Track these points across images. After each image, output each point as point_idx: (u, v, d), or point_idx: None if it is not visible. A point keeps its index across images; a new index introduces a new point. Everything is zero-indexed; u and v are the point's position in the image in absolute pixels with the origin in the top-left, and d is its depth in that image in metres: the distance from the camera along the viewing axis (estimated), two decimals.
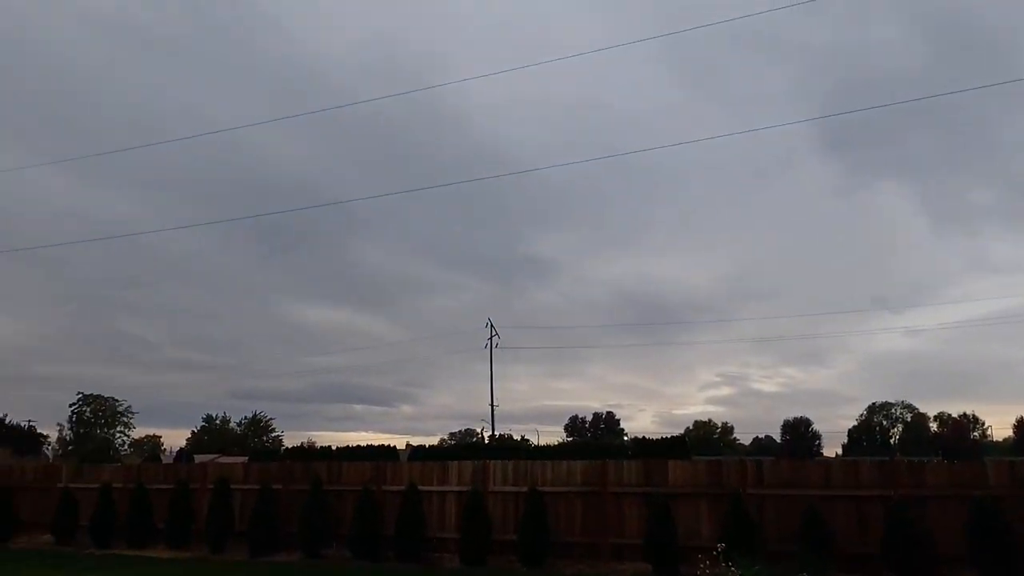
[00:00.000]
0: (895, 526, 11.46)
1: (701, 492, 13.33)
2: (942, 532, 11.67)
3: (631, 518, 13.62)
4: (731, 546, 11.50)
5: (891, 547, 11.40)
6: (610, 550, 13.56)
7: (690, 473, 13.60)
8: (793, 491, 12.74)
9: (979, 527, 11.05)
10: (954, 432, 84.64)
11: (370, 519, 14.64)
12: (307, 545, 15.09)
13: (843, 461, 12.82)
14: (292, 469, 16.96)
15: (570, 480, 14.24)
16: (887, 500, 12.03)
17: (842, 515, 12.38)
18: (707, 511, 13.12)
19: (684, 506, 13.25)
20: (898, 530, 11.41)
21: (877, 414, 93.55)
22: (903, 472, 12.40)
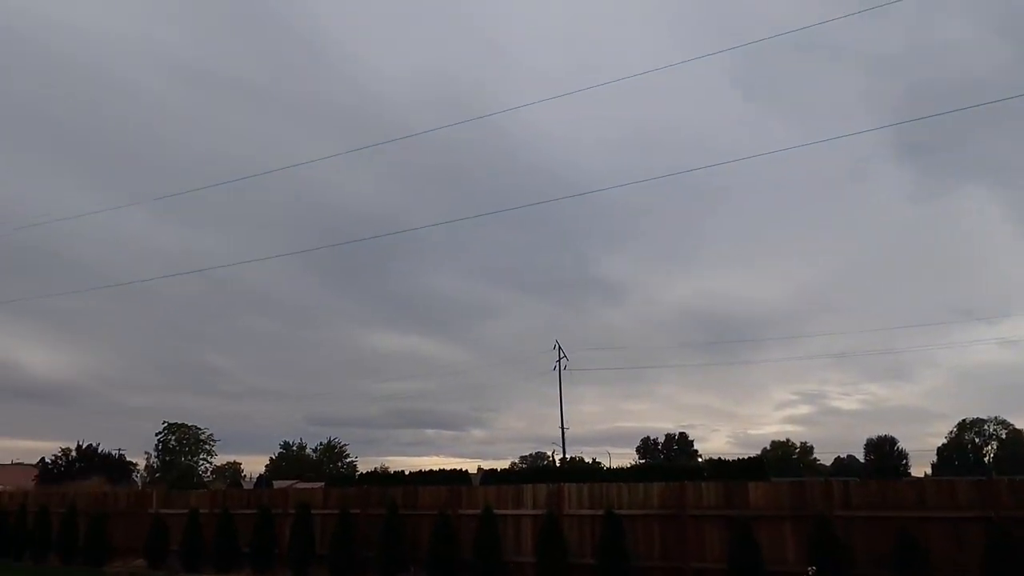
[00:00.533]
0: (997, 549, 10.82)
1: (784, 515, 12.88)
2: None
3: (712, 542, 13.26)
4: (819, 570, 11.10)
5: (993, 571, 10.76)
6: (691, 574, 13.22)
7: (772, 494, 13.17)
8: (883, 512, 12.19)
9: None
10: None
11: (446, 543, 14.70)
12: (385, 568, 15.24)
13: (937, 480, 12.20)
14: (369, 494, 17.20)
15: (647, 503, 13.99)
16: (987, 521, 11.38)
17: (937, 537, 11.75)
18: (791, 534, 12.66)
19: (767, 529, 12.83)
20: (1000, 553, 10.77)
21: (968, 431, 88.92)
22: (1004, 491, 11.71)
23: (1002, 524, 11.07)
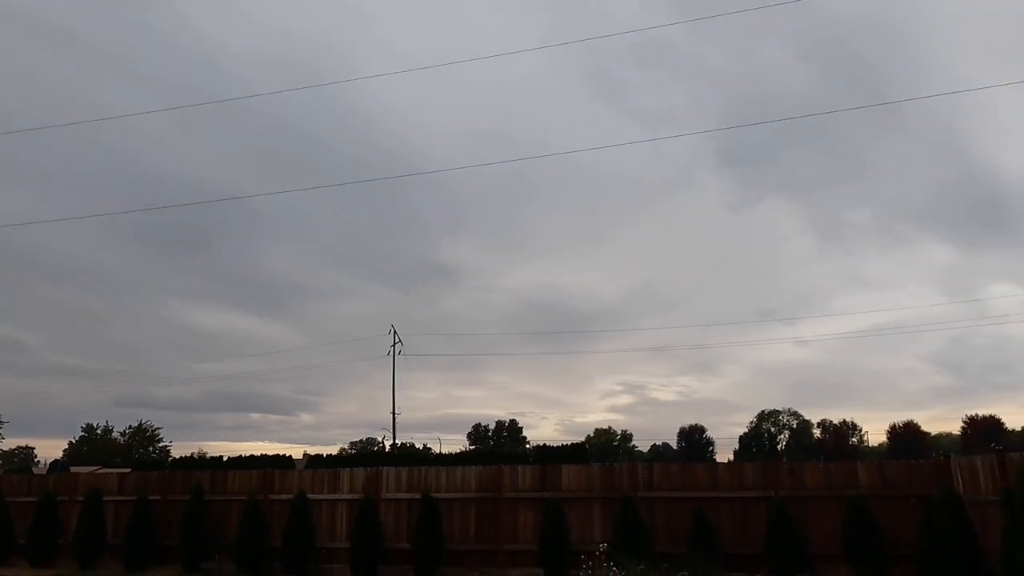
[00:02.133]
0: (776, 525, 11.89)
1: (595, 496, 13.45)
2: (819, 530, 12.23)
3: (526, 523, 13.59)
4: (622, 548, 11.65)
5: (772, 546, 11.82)
6: (505, 556, 13.47)
7: (584, 477, 13.70)
8: (682, 494, 13.03)
9: (852, 525, 11.61)
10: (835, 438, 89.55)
11: (255, 530, 13.99)
12: (187, 558, 14.28)
13: (729, 464, 13.25)
14: (172, 479, 16.03)
15: (465, 486, 14.08)
16: (768, 500, 12.48)
17: (727, 516, 12.75)
18: (600, 514, 13.24)
19: (578, 510, 13.33)
20: (778, 529, 11.84)
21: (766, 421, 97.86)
22: (784, 474, 12.90)
23: (780, 502, 12.19)
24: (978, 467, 11.20)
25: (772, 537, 11.89)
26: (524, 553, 13.33)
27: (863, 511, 11.66)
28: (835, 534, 11.95)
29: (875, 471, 12.64)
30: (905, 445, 72.47)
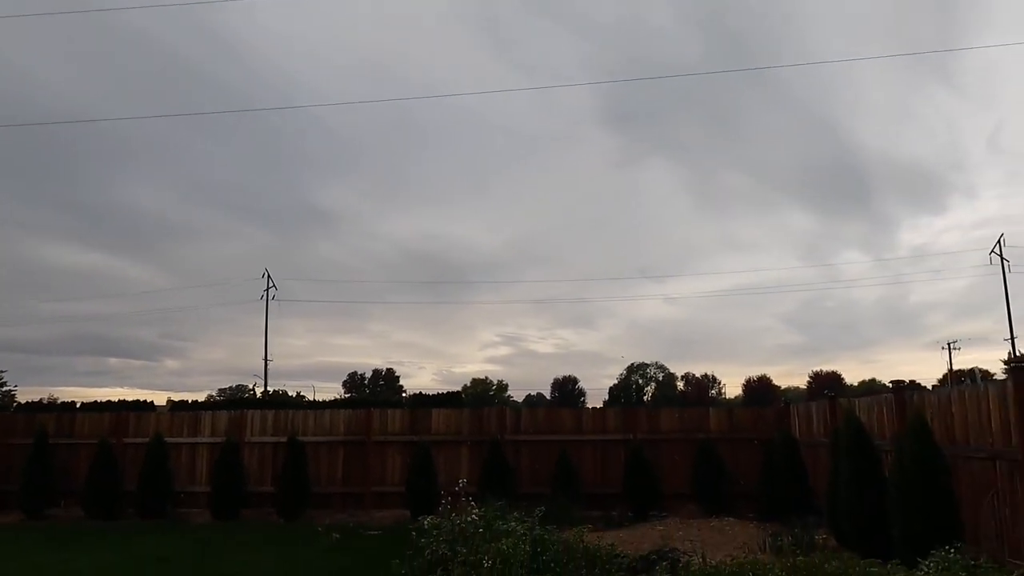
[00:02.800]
0: (633, 466, 12.58)
1: (464, 439, 13.71)
2: (673, 470, 13.05)
3: (395, 466, 13.69)
4: (487, 488, 11.95)
5: (629, 485, 12.51)
6: (373, 498, 13.55)
7: (454, 421, 13.92)
8: (548, 437, 13.51)
9: (701, 466, 12.47)
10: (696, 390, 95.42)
11: (108, 474, 13.32)
12: (29, 504, 13.42)
13: (593, 409, 13.83)
14: (14, 422, 14.97)
15: (334, 430, 13.98)
16: (627, 443, 13.17)
17: (589, 458, 13.37)
18: (468, 457, 13.54)
19: (447, 453, 13.56)
20: (635, 470, 12.54)
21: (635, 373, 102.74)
22: (643, 419, 13.62)
23: (638, 445, 12.89)
24: (812, 413, 12.24)
25: (629, 477, 12.57)
26: (392, 495, 13.45)
27: (711, 453, 12.52)
28: (686, 474, 12.80)
29: (724, 417, 13.58)
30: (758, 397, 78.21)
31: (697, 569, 5.56)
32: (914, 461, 7.11)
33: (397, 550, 8.62)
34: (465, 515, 8.34)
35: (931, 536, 6.44)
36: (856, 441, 8.44)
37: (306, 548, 9.91)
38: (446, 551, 6.98)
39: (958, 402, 8.07)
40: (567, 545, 7.45)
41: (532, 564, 6.48)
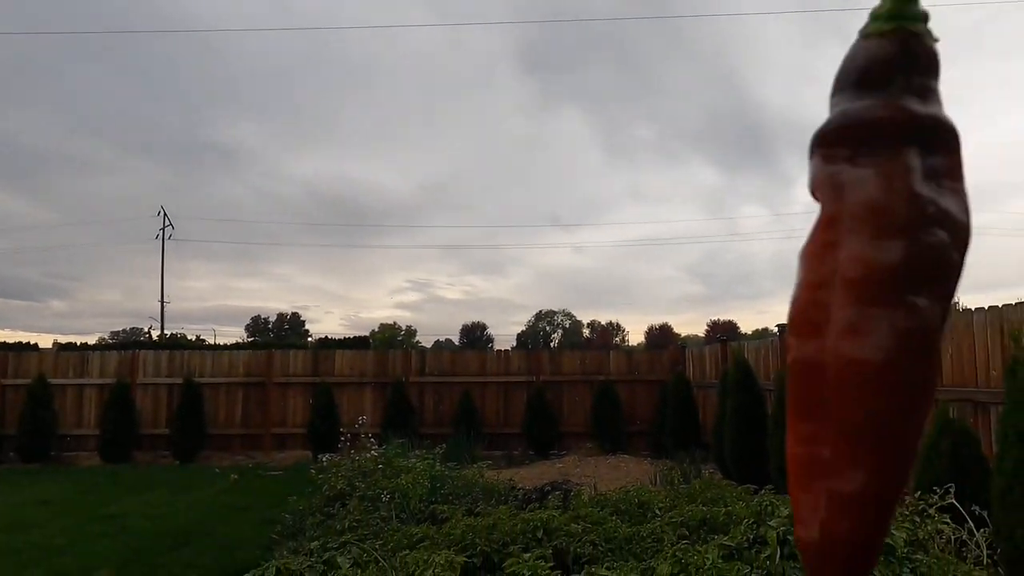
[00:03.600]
0: (534, 407, 12.90)
1: (368, 381, 13.67)
2: (573, 410, 13.47)
3: (296, 408, 13.53)
4: (390, 429, 12.00)
5: (529, 425, 12.84)
6: (273, 439, 13.38)
7: (358, 363, 13.83)
8: (452, 379, 13.64)
9: (599, 406, 12.91)
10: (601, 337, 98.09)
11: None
12: None
13: (498, 352, 14.02)
14: None
15: (233, 371, 13.63)
16: (530, 384, 13.46)
17: (492, 400, 13.60)
18: (371, 398, 13.52)
19: (350, 395, 13.51)
20: (536, 410, 12.86)
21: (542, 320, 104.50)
22: (545, 361, 13.93)
23: (540, 386, 13.21)
24: (706, 356, 12.83)
25: (530, 418, 12.89)
26: (294, 436, 13.32)
27: (609, 393, 12.98)
28: (586, 414, 13.24)
29: (623, 359, 14.05)
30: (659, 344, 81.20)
31: (588, 498, 5.80)
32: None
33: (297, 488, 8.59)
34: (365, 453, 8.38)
35: None
36: (742, 381, 8.93)
37: (203, 489, 9.72)
38: (345, 487, 7.01)
39: None
40: (467, 480, 7.62)
41: (431, 498, 6.61)
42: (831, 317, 0.23)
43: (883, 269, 0.22)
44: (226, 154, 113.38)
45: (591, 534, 4.48)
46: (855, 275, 0.23)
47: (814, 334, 0.24)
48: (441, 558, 3.14)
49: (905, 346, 0.22)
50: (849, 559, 0.22)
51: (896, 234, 0.22)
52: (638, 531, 4.64)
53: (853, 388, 0.23)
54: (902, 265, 0.22)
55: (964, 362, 6.34)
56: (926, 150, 0.23)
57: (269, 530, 6.77)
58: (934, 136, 0.23)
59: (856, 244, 0.23)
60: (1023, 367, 4.58)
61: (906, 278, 0.22)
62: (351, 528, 5.48)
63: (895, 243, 0.22)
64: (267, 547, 6.11)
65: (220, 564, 5.72)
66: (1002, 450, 4.59)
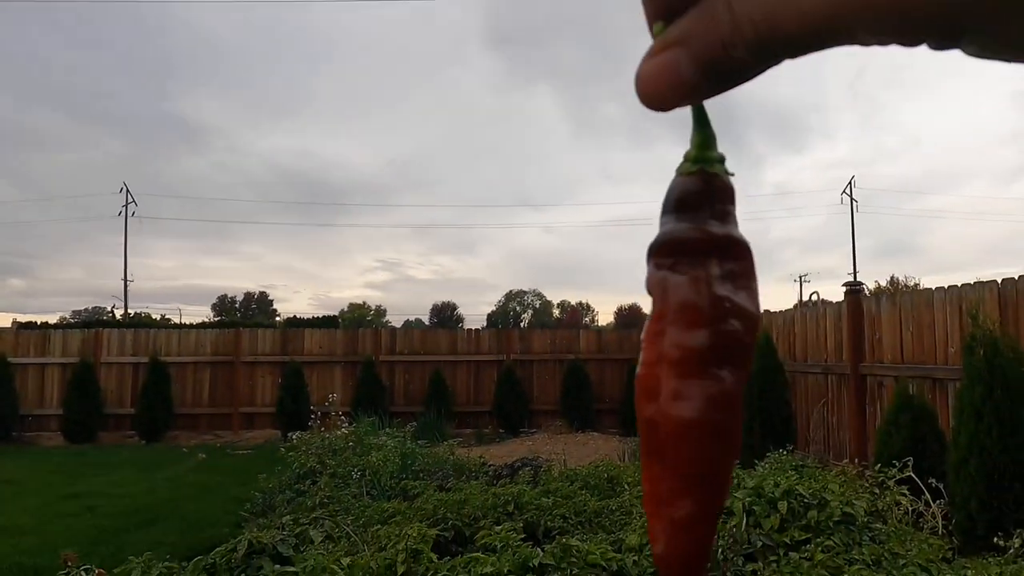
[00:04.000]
0: (504, 385, 12.97)
1: (337, 360, 13.61)
2: (543, 389, 13.56)
3: (265, 387, 13.45)
4: (361, 407, 11.99)
5: (500, 404, 12.92)
6: (241, 418, 13.29)
7: (327, 342, 13.76)
8: (423, 357, 13.64)
9: (568, 384, 13.03)
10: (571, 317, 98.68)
11: None
12: None
13: (468, 330, 14.04)
14: None
15: (200, 350, 13.47)
16: (500, 363, 13.52)
17: (463, 378, 13.64)
18: (341, 377, 13.48)
19: (319, 373, 13.45)
20: (506, 389, 12.94)
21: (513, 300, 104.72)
22: (515, 340, 13.99)
23: (510, 364, 13.28)
24: None
25: (501, 396, 12.96)
26: (262, 415, 13.25)
27: (579, 372, 13.09)
28: (556, 392, 13.34)
29: (593, 338, 14.17)
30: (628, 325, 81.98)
31: (558, 473, 5.87)
32: (758, 375, 7.73)
33: (266, 466, 8.56)
34: (336, 431, 8.37)
35: (769, 443, 7.08)
36: None
37: (170, 468, 9.64)
38: (316, 464, 7.01)
39: (800, 323, 8.79)
40: (438, 458, 7.66)
41: (402, 475, 6.63)
42: (661, 387, 0.31)
43: (694, 351, 0.31)
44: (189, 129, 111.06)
45: (561, 508, 4.55)
46: (674, 356, 0.31)
47: (652, 399, 0.31)
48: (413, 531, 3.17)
49: (713, 406, 0.30)
50: (686, 565, 0.31)
51: (702, 325, 0.31)
52: (607, 505, 4.72)
53: (678, 439, 0.31)
54: (707, 348, 0.31)
55: (924, 340, 6.51)
56: (723, 260, 0.32)
57: (238, 508, 6.75)
58: (728, 249, 0.32)
59: (675, 333, 0.32)
60: (980, 344, 4.72)
61: (711, 357, 0.31)
62: (322, 504, 5.49)
63: (701, 332, 0.31)
64: (237, 525, 6.09)
65: (188, 542, 5.69)
66: (958, 425, 4.74)
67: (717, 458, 0.31)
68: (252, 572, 2.69)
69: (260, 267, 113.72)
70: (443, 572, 2.92)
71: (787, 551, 2.99)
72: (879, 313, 7.22)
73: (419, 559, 3.09)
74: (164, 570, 2.79)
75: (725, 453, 0.31)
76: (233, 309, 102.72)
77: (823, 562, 2.83)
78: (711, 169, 0.33)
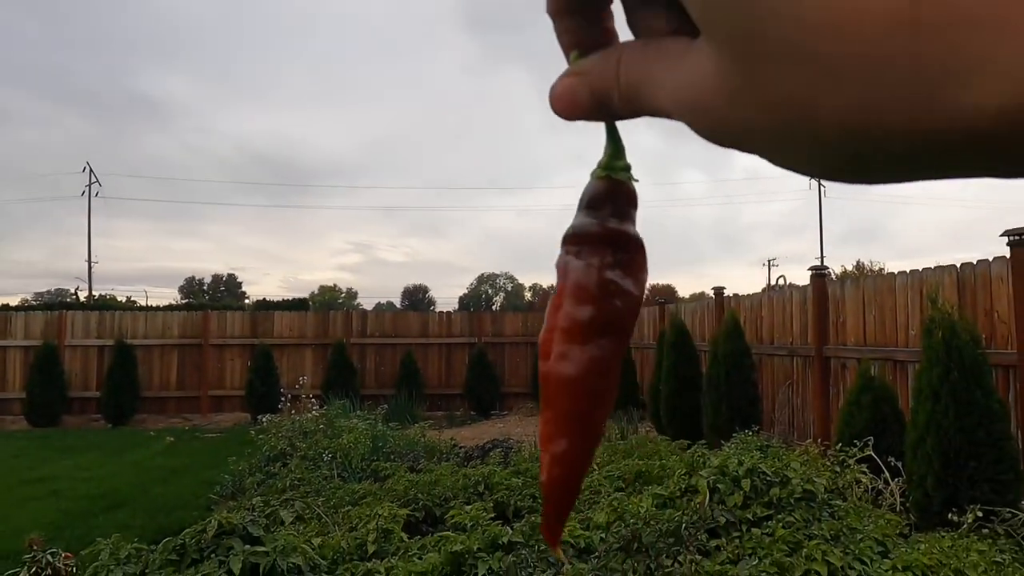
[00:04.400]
0: (476, 368, 13.01)
1: (308, 343, 13.53)
2: (514, 371, 13.63)
3: (234, 370, 13.33)
4: (332, 390, 11.96)
5: (471, 386, 12.96)
6: (210, 401, 13.18)
7: (298, 324, 13.68)
8: (394, 340, 13.61)
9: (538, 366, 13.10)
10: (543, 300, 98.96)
11: None
12: None
13: (440, 313, 14.04)
14: None
15: (167, 333, 13.30)
16: (472, 346, 13.55)
17: (435, 361, 13.65)
18: (312, 359, 13.42)
19: (290, 356, 13.37)
20: (478, 371, 12.98)
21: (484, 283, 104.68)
22: (487, 322, 14.03)
23: (481, 347, 13.31)
24: (644, 317, 13.10)
25: (472, 378, 13.01)
26: (232, 399, 13.15)
27: None
28: (528, 374, 13.42)
29: None
30: None
31: (528, 454, 5.93)
32: (726, 357, 7.85)
33: (236, 449, 8.51)
34: (306, 413, 8.35)
35: (735, 423, 7.21)
36: (678, 341, 9.18)
37: (137, 451, 9.54)
38: (286, 447, 6.99)
39: (767, 306, 8.93)
40: (409, 440, 7.69)
41: (373, 457, 6.64)
42: (552, 350, 0.38)
43: (580, 322, 0.37)
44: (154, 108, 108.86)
45: (531, 488, 4.60)
46: (564, 325, 0.37)
47: (545, 359, 0.38)
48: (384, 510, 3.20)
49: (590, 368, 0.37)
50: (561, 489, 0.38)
51: (589, 302, 0.37)
52: None
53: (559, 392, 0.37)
54: (591, 320, 0.37)
55: (886, 323, 6.66)
56: (616, 251, 0.38)
57: (208, 491, 6.72)
58: (621, 243, 0.38)
59: (567, 307, 0.37)
60: (939, 327, 4.85)
61: (593, 328, 0.37)
62: (293, 486, 5.49)
63: (587, 307, 0.37)
64: (206, 507, 6.06)
65: (158, 524, 5.66)
66: (916, 405, 4.88)
67: (590, 410, 0.38)
68: (222, 552, 2.69)
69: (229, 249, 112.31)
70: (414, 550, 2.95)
71: (750, 527, 3.07)
72: (843, 297, 7.36)
73: (390, 538, 3.12)
74: (133, 551, 2.79)
75: (597, 407, 0.38)
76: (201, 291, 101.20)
77: (784, 537, 2.91)
78: (616, 176, 0.39)
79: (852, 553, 2.85)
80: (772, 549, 2.81)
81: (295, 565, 2.72)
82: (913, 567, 2.77)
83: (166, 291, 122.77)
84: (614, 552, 2.70)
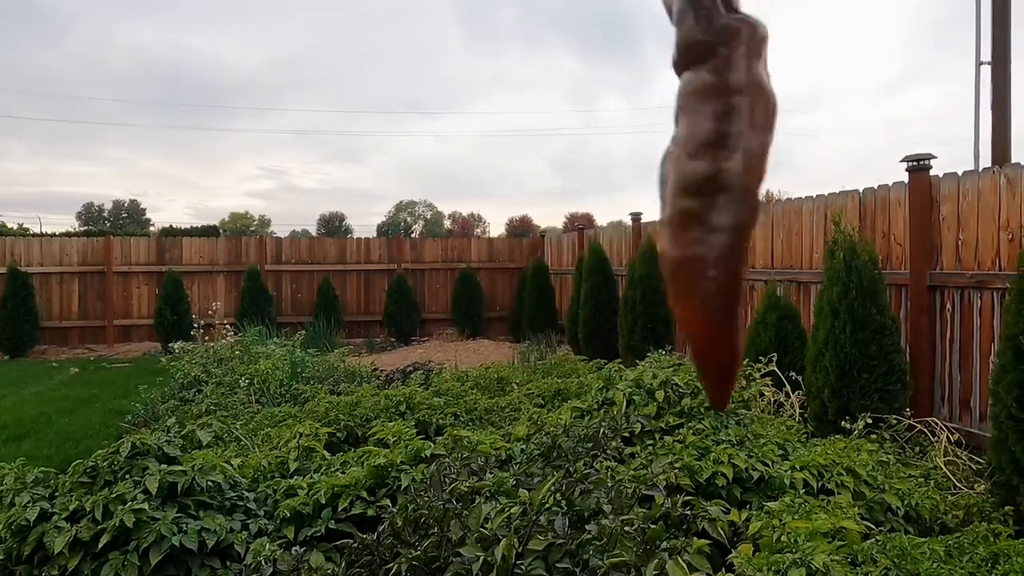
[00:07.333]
0: (395, 295, 12.94)
1: (220, 270, 13.10)
2: (434, 298, 13.64)
3: (141, 298, 12.81)
4: (246, 318, 11.69)
5: (390, 313, 12.91)
6: (117, 331, 12.68)
7: (208, 251, 13.19)
8: (311, 267, 13.34)
9: (459, 292, 13.15)
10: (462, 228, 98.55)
11: None
12: None
13: (358, 239, 13.81)
14: None
15: (66, 260, 12.60)
16: (391, 272, 13.43)
17: (353, 288, 13.49)
18: (224, 287, 13.03)
19: (201, 283, 12.94)
20: (397, 298, 12.91)
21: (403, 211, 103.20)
22: (407, 249, 13.90)
23: (401, 274, 13.22)
24: (564, 244, 13.27)
25: (392, 305, 12.94)
26: (140, 328, 12.69)
27: (470, 280, 13.22)
28: (447, 300, 13.45)
29: (484, 246, 14.28)
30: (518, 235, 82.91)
31: (449, 376, 6.00)
32: (641, 280, 8.07)
33: (146, 378, 8.28)
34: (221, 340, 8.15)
35: (649, 344, 7.46)
36: (596, 265, 9.36)
37: (39, 383, 9.13)
38: (200, 374, 6.83)
39: None
40: (329, 365, 7.63)
41: (291, 383, 6.58)
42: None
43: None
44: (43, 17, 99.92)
45: (452, 407, 4.67)
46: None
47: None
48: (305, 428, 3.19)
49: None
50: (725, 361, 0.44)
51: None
52: (497, 403, 4.89)
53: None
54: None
55: (792, 246, 6.96)
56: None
57: (119, 420, 6.53)
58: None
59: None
60: (840, 248, 5.10)
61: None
62: (209, 412, 5.40)
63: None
64: (117, 436, 5.89)
65: (64, 454, 5.48)
66: (818, 322, 5.16)
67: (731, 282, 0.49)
68: (137, 473, 2.63)
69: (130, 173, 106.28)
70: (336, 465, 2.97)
71: (663, 435, 3.22)
72: None
73: (312, 456, 3.12)
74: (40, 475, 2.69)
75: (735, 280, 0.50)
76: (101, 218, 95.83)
77: (694, 443, 3.07)
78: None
79: (756, 456, 3.04)
80: (683, 454, 2.96)
81: (215, 483, 2.70)
82: (810, 466, 2.98)
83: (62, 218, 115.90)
84: (534, 459, 2.79)
